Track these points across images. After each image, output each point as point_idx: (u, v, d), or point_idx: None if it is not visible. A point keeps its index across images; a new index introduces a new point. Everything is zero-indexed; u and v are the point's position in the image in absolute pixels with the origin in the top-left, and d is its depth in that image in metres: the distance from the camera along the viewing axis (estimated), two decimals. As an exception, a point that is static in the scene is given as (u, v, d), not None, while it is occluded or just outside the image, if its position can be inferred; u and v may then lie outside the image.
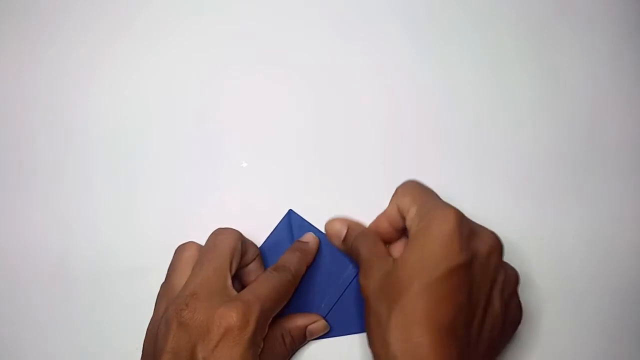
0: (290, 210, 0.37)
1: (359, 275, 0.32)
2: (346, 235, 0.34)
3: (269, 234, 0.37)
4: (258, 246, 0.36)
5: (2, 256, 0.38)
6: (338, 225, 0.35)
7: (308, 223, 0.37)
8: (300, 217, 0.37)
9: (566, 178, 0.38)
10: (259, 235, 0.37)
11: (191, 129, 0.39)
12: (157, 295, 0.34)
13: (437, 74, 0.39)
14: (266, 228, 0.37)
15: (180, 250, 0.34)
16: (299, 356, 0.36)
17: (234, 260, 0.32)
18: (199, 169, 0.39)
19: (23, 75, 0.40)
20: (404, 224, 0.32)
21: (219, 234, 0.34)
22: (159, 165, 0.39)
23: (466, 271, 0.29)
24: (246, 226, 0.36)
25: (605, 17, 0.40)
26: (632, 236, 0.37)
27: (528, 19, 0.40)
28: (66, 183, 0.39)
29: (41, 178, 0.39)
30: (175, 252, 0.34)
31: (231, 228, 0.34)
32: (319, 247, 0.36)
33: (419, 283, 0.29)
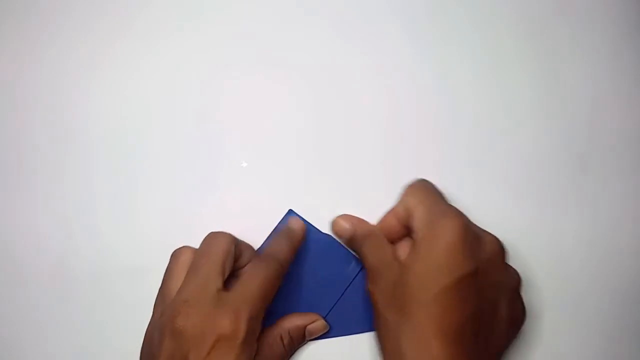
0: (290, 210, 0.37)
1: (367, 281, 0.33)
2: (352, 236, 0.35)
3: (269, 234, 0.37)
4: (258, 246, 0.36)
5: (2, 256, 0.38)
6: (344, 223, 0.35)
7: (308, 223, 0.37)
8: (300, 217, 0.37)
9: (566, 178, 0.38)
10: (259, 235, 0.37)
11: (191, 129, 0.39)
12: (155, 300, 0.34)
13: (437, 74, 0.39)
14: (266, 228, 0.37)
15: (175, 255, 0.34)
16: (299, 356, 0.36)
17: (227, 264, 0.32)
18: (199, 169, 0.39)
19: (23, 75, 0.40)
20: (411, 223, 0.33)
21: (212, 238, 0.34)
22: (159, 165, 0.39)
23: (473, 280, 0.29)
24: (246, 226, 0.36)
25: (605, 17, 0.40)
26: (632, 236, 0.37)
27: (528, 19, 0.40)
28: (66, 183, 0.39)
29: (41, 178, 0.39)
30: (170, 257, 0.34)
31: (224, 232, 0.34)
32: (320, 247, 0.36)
33: (428, 293, 0.29)
